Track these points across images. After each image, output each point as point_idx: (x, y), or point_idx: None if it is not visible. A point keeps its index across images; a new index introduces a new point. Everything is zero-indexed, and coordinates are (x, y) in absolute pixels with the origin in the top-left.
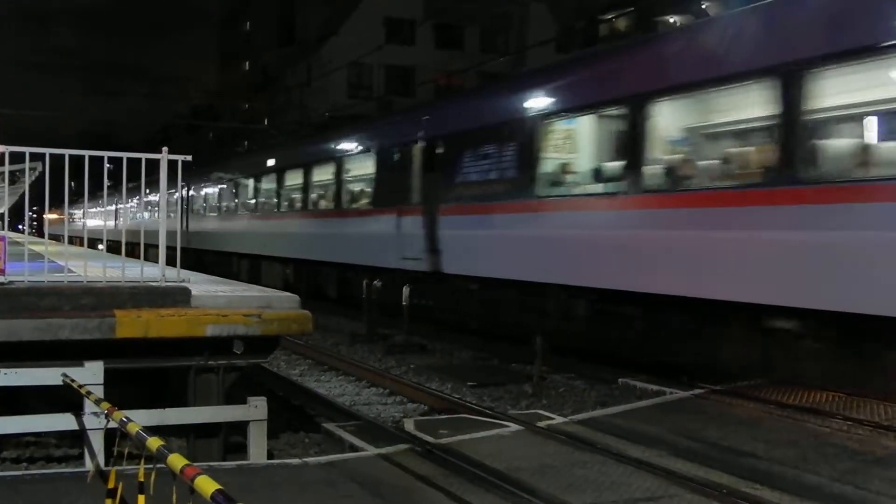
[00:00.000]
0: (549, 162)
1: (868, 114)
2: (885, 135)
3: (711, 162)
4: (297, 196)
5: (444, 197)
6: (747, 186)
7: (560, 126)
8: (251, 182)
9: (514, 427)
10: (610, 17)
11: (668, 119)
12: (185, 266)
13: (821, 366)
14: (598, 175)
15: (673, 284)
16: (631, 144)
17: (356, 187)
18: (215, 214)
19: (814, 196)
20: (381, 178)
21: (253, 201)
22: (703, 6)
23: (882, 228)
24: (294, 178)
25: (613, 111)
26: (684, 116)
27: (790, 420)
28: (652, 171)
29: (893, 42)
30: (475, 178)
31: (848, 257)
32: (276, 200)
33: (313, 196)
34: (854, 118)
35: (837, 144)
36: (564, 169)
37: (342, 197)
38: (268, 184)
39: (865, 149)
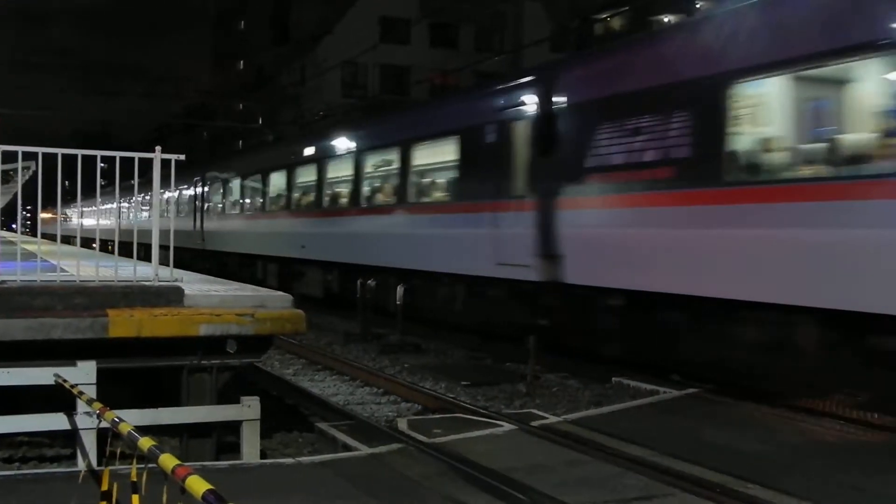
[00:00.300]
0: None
1: None
2: None
3: None
4: (344, 190)
5: (568, 186)
6: None
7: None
8: (280, 175)
9: (507, 426)
10: (605, 16)
11: None
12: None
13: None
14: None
15: None
16: None
17: (429, 178)
18: (238, 212)
19: None
20: (467, 166)
21: (283, 197)
22: (697, 5)
23: None
24: (340, 169)
25: None
26: None
27: (784, 419)
28: None
29: None
30: (626, 161)
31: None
32: (312, 196)
33: (367, 189)
34: None
35: None
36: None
37: (408, 190)
38: (303, 177)
39: None
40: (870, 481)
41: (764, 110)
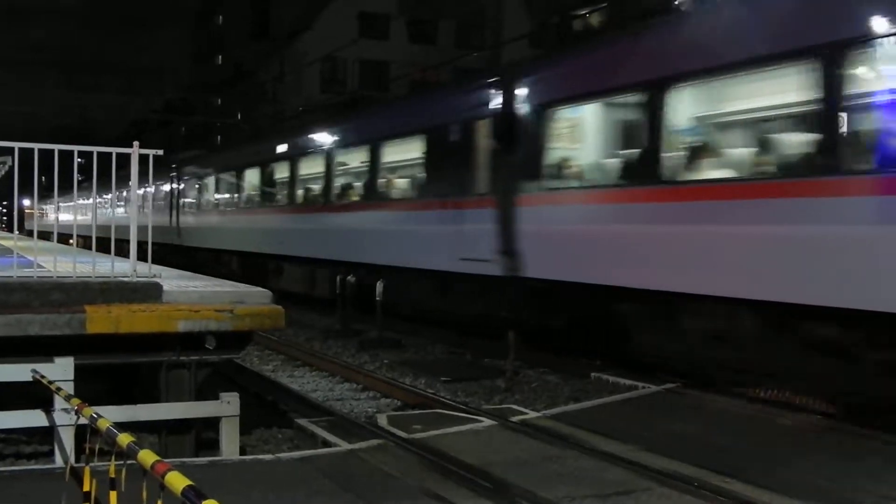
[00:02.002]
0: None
1: None
2: None
3: None
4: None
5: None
6: None
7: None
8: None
9: (487, 422)
10: (584, 12)
11: None
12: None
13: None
14: None
15: None
16: None
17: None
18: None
19: None
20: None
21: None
22: (676, 1)
23: None
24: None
25: None
26: None
27: (761, 414)
28: None
29: None
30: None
31: None
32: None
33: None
34: None
35: None
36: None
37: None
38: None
39: None
40: (848, 475)
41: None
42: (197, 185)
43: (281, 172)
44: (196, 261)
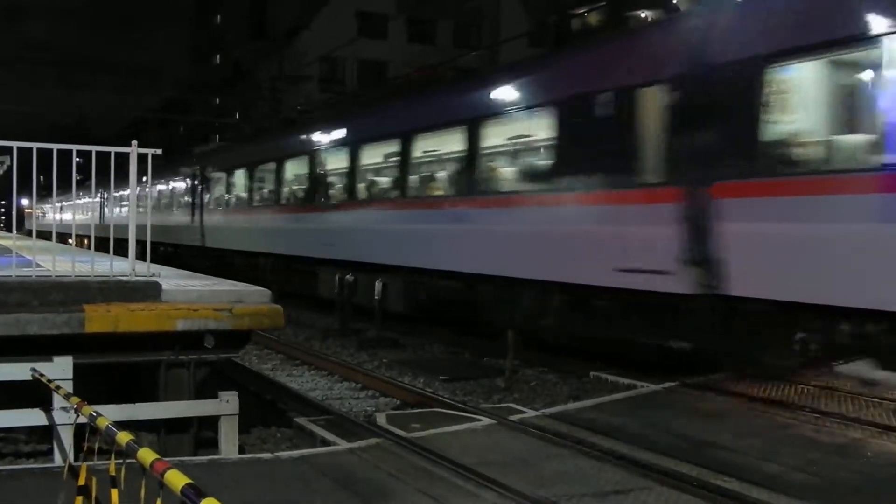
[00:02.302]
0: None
1: None
2: None
3: None
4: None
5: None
6: None
7: None
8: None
9: (486, 421)
10: (582, 11)
11: None
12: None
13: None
14: None
15: None
16: None
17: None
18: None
19: None
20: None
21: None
22: (675, 0)
23: None
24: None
25: None
26: None
27: (759, 412)
28: None
29: None
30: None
31: None
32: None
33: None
34: None
35: None
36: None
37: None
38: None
39: None
40: (843, 473)
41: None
42: (225, 180)
43: (344, 161)
44: (224, 264)
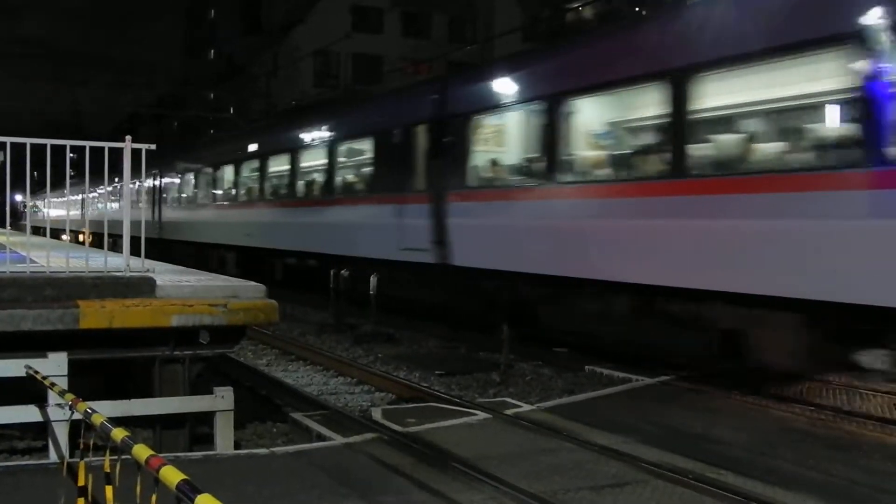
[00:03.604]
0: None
1: None
2: None
3: None
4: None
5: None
6: None
7: None
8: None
9: (481, 415)
10: (576, 5)
11: None
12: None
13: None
14: None
15: None
16: None
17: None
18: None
19: None
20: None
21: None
22: None
23: None
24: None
25: None
26: None
27: (754, 406)
28: None
29: None
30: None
31: None
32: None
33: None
34: None
35: None
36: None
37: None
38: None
39: None
40: (839, 466)
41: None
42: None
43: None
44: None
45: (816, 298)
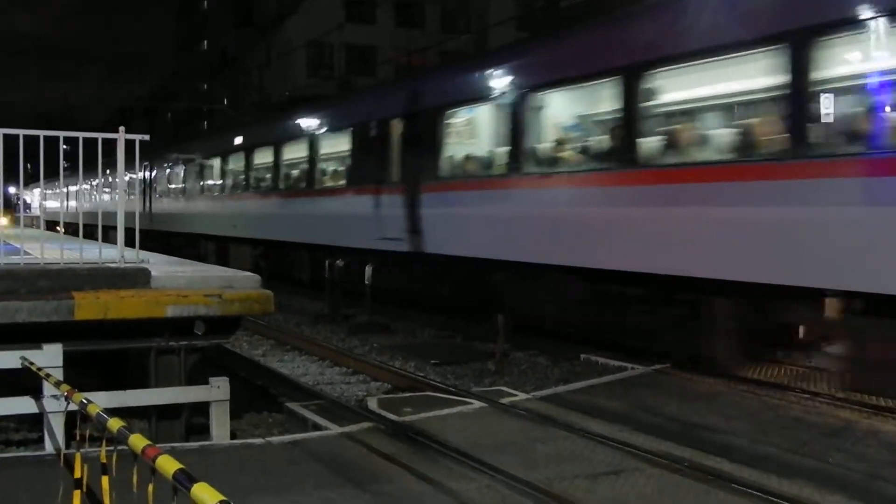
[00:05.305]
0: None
1: None
2: None
3: None
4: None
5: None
6: None
7: None
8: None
9: (477, 404)
10: None
11: None
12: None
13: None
14: None
15: None
16: None
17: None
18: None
19: None
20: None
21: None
22: None
23: None
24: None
25: None
26: None
27: (749, 394)
28: None
29: None
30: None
31: None
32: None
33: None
34: None
35: None
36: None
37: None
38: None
39: None
40: (833, 453)
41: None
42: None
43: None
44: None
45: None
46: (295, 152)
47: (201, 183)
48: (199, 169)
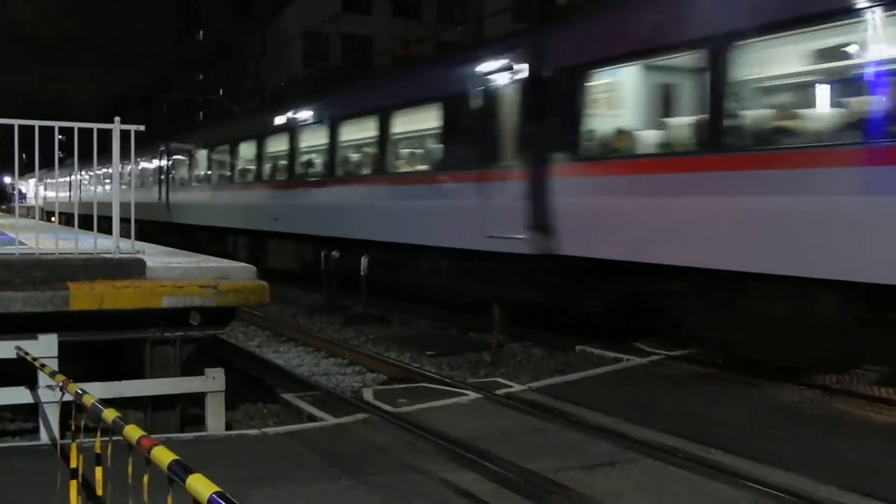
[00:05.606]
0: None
1: None
2: None
3: None
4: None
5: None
6: None
7: None
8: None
9: (472, 395)
10: None
11: None
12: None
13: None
14: None
15: None
16: None
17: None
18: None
19: None
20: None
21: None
22: None
23: None
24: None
25: None
26: None
27: (744, 385)
28: None
29: None
30: None
31: None
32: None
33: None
34: None
35: None
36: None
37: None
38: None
39: None
40: (829, 444)
41: None
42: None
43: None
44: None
45: None
46: (361, 131)
47: (233, 170)
48: (230, 154)
